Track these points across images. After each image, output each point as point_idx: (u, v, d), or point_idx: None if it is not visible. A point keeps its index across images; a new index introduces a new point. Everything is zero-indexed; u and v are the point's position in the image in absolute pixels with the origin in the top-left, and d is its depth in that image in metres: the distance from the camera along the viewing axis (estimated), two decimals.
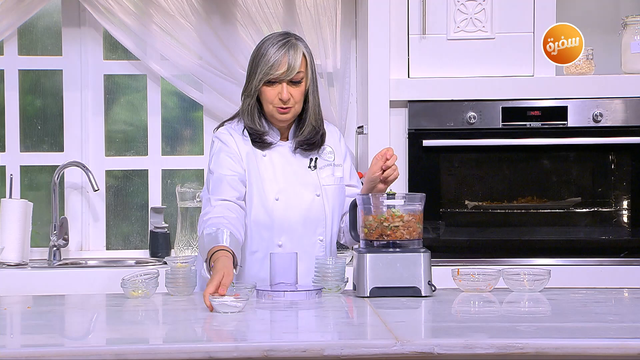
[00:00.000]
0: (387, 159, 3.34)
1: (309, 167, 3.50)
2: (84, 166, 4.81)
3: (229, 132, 3.49)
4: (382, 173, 3.35)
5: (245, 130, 3.48)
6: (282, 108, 3.41)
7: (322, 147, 3.54)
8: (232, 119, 3.55)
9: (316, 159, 3.51)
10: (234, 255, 3.20)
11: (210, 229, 3.28)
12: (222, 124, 3.55)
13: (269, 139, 3.48)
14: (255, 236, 3.46)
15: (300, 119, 3.50)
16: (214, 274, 3.09)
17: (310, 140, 3.49)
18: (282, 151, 3.49)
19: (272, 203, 3.44)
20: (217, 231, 3.26)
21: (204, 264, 3.25)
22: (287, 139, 3.52)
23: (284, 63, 3.37)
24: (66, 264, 4.77)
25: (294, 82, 3.40)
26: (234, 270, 3.18)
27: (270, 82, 3.39)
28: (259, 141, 3.46)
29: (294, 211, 3.45)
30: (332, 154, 3.55)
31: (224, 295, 3.00)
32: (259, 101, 3.46)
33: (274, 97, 3.40)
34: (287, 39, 3.40)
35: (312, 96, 3.47)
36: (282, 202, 3.44)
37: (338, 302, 3.17)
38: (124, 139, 5.04)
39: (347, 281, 3.33)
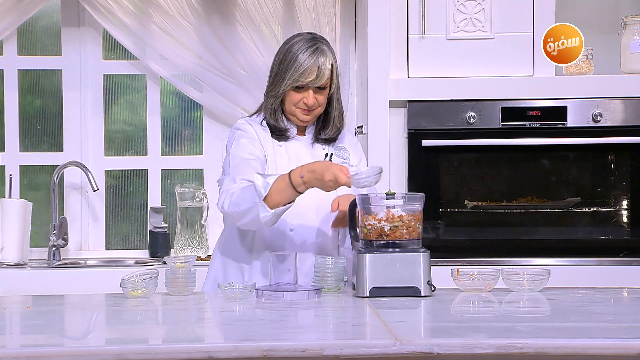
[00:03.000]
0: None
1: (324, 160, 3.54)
2: (84, 166, 4.80)
3: (247, 122, 3.57)
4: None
5: (263, 120, 3.55)
6: (306, 110, 3.46)
7: (337, 145, 3.58)
8: (251, 116, 3.62)
9: (331, 154, 3.55)
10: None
11: (248, 183, 3.34)
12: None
13: (288, 133, 3.53)
14: None
15: (324, 119, 3.56)
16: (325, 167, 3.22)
17: (333, 138, 3.57)
18: (298, 145, 3.55)
19: None
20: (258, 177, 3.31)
21: (261, 203, 3.24)
22: (304, 134, 3.57)
23: (313, 70, 3.42)
24: (65, 264, 4.77)
25: (319, 88, 3.46)
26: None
27: (297, 87, 3.44)
28: (278, 134, 3.52)
29: (307, 198, 3.45)
30: (347, 153, 3.59)
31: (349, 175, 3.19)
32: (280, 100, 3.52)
33: (298, 100, 3.46)
34: (316, 45, 3.45)
35: (337, 99, 3.55)
36: None
37: (337, 302, 3.17)
38: (124, 138, 5.04)
39: (347, 281, 3.34)
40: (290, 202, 3.29)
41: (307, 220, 3.47)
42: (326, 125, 3.56)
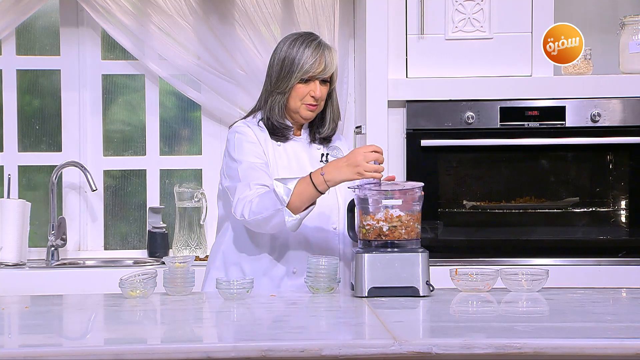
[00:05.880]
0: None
1: (321, 160, 3.55)
2: (82, 166, 4.80)
3: (245, 124, 3.56)
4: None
5: (260, 121, 3.55)
6: (311, 105, 3.49)
7: (332, 146, 3.60)
8: (245, 118, 3.62)
9: (327, 154, 3.56)
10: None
11: (265, 188, 3.34)
12: (233, 124, 3.62)
13: (289, 134, 3.54)
14: None
15: (321, 116, 3.58)
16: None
17: (330, 136, 3.59)
18: (295, 145, 3.56)
19: None
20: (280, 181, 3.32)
21: (285, 210, 3.26)
22: (300, 134, 3.58)
23: (322, 62, 3.47)
24: (64, 264, 4.77)
25: (324, 81, 3.49)
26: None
27: (304, 80, 3.46)
28: (279, 135, 3.52)
29: None
30: (342, 152, 3.60)
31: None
32: None
33: (305, 94, 3.48)
34: (318, 39, 3.51)
35: (335, 95, 3.58)
36: None
37: (336, 302, 3.17)
38: (122, 138, 5.04)
39: (340, 281, 3.33)
40: (312, 205, 3.30)
41: (308, 220, 3.46)
42: (323, 122, 3.58)
